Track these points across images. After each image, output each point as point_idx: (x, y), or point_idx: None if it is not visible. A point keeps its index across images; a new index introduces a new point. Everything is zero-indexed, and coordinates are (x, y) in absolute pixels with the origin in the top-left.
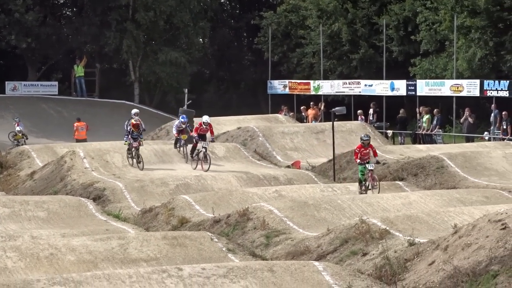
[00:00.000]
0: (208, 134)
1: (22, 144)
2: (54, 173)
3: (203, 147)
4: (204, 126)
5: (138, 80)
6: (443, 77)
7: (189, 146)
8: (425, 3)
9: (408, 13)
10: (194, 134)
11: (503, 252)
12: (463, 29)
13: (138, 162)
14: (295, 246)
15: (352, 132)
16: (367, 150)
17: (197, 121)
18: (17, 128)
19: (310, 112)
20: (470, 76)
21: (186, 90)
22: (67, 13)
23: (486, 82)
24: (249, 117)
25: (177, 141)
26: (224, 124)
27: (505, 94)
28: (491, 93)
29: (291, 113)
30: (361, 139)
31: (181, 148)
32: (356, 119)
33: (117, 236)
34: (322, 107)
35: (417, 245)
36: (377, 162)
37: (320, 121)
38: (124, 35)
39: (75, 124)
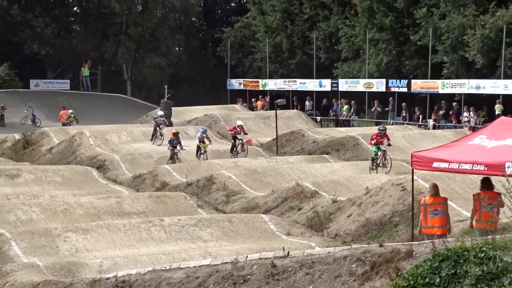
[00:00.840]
0: (242, 134)
1: (72, 124)
2: (67, 148)
3: (239, 139)
4: (238, 129)
5: (130, 79)
6: (358, 77)
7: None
8: (345, 21)
9: (332, 29)
10: (231, 132)
11: (402, 207)
12: (373, 41)
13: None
14: (248, 203)
15: (290, 118)
16: (383, 139)
17: (176, 110)
18: (70, 111)
19: (259, 103)
20: (379, 76)
21: (166, 86)
22: (76, 28)
23: (390, 81)
24: (213, 106)
25: (198, 149)
26: (194, 112)
27: (404, 90)
28: (394, 89)
29: (245, 104)
30: (378, 129)
31: (202, 156)
32: (293, 108)
33: (115, 195)
34: (268, 99)
35: (338, 202)
36: (389, 145)
37: (266, 110)
38: (119, 45)
39: (61, 112)
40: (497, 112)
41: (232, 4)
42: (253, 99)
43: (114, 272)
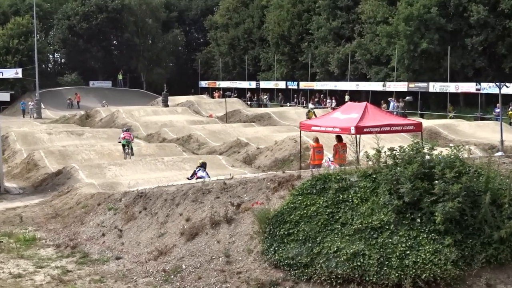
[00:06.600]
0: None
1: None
2: (110, 119)
3: None
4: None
5: (145, 81)
6: (271, 80)
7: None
8: (263, 50)
9: (256, 53)
10: None
11: (295, 152)
12: (278, 60)
13: None
14: (211, 149)
15: (233, 103)
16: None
17: (170, 98)
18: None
19: (216, 94)
20: (282, 79)
21: (165, 85)
22: (115, 52)
23: (288, 82)
24: (191, 96)
25: None
26: (180, 99)
27: (295, 87)
28: (290, 87)
29: (208, 95)
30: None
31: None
32: (236, 97)
33: (137, 145)
34: (221, 92)
35: (260, 149)
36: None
37: (220, 98)
38: (138, 62)
39: (78, 95)
40: (346, 100)
41: (201, 39)
42: (213, 92)
43: (137, 188)
